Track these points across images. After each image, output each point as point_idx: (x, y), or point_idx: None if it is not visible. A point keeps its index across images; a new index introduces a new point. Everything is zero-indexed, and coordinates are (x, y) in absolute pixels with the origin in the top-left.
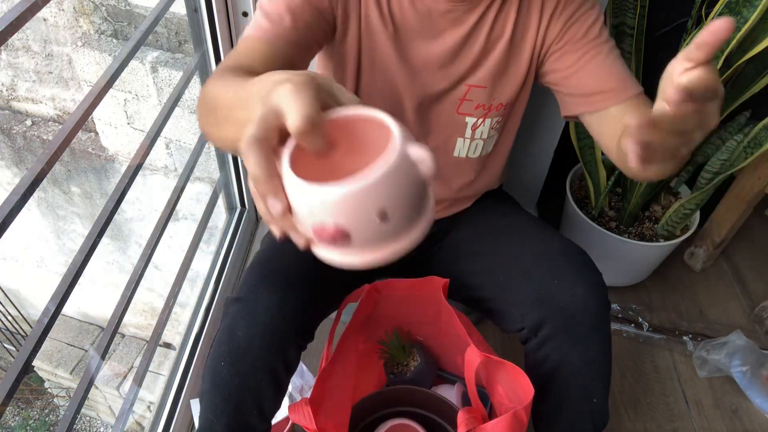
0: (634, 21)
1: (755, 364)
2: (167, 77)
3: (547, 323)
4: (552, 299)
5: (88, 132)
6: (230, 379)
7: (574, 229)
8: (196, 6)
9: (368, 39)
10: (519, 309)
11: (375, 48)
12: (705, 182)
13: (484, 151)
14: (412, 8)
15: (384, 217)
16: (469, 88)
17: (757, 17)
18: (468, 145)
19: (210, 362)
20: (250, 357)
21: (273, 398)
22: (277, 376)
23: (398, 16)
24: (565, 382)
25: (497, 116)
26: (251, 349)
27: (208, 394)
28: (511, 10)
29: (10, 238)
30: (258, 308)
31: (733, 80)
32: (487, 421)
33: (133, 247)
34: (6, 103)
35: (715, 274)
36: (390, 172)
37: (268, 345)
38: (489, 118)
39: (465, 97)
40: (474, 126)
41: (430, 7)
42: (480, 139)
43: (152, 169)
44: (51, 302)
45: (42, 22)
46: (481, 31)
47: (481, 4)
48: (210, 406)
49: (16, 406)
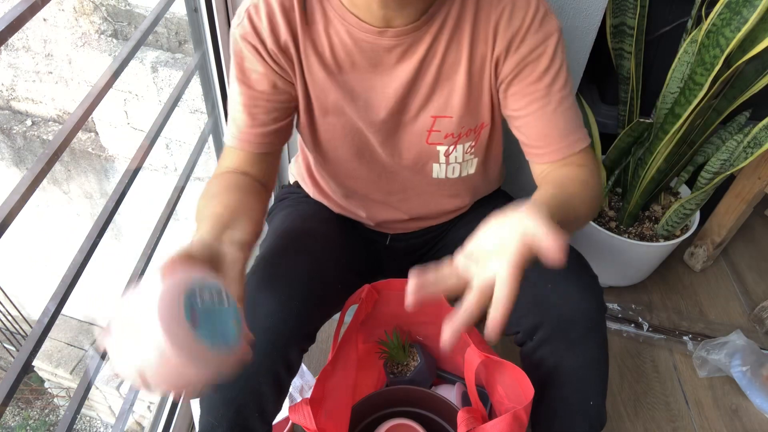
0: (634, 21)
1: (755, 364)
2: (167, 77)
3: (543, 327)
4: (546, 303)
5: (88, 132)
6: (231, 383)
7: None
8: (196, 6)
9: (314, 86)
10: (514, 313)
11: (323, 94)
12: (705, 182)
13: (464, 172)
14: (357, 48)
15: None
16: (434, 120)
17: (757, 17)
18: (445, 169)
19: None
20: (252, 360)
21: (274, 401)
22: (278, 379)
23: (343, 58)
24: (561, 385)
25: (469, 141)
26: (253, 352)
27: (208, 397)
28: (463, 39)
29: (10, 238)
30: (260, 312)
31: (733, 80)
32: (487, 421)
33: (133, 247)
34: (6, 103)
35: (715, 274)
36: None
37: (270, 348)
38: (461, 144)
39: (432, 128)
40: (446, 153)
41: (373, 44)
42: (456, 163)
43: (152, 169)
44: (51, 302)
45: (42, 22)
46: (432, 62)
47: (427, 35)
48: (211, 410)
49: (16, 406)
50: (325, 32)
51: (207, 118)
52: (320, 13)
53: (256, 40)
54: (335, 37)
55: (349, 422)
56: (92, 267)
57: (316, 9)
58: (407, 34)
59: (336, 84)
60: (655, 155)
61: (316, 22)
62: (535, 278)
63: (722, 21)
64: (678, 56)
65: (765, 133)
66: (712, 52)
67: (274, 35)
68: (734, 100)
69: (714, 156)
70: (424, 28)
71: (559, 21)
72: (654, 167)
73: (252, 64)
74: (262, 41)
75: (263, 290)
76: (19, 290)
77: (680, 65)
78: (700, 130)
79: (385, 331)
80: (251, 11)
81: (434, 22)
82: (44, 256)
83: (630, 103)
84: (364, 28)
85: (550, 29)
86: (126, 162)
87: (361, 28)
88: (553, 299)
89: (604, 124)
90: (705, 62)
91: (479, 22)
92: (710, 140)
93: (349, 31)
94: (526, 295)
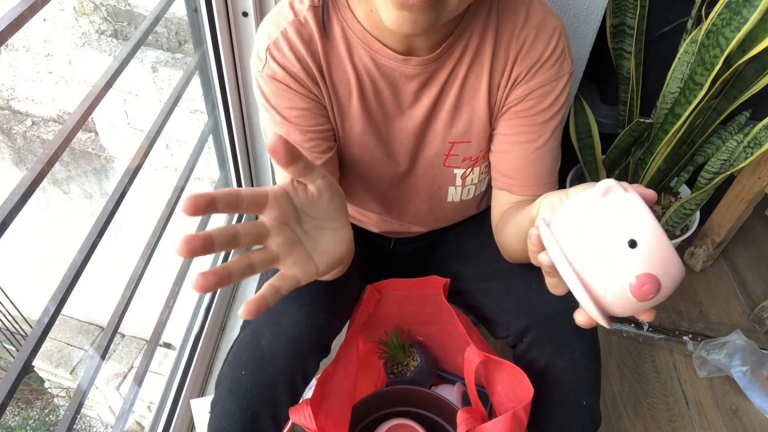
0: (634, 21)
1: (755, 364)
2: (167, 77)
3: (531, 329)
4: (532, 304)
5: (88, 132)
6: (249, 389)
7: None
8: (196, 6)
9: (340, 114)
10: (503, 316)
11: (348, 123)
12: (705, 182)
13: (477, 192)
14: (380, 73)
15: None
16: (452, 145)
17: (757, 17)
18: (460, 192)
19: (228, 370)
20: (273, 368)
21: (288, 409)
22: (295, 388)
23: (367, 83)
24: (552, 386)
25: (485, 162)
26: (274, 360)
27: (224, 401)
28: (484, 66)
29: (10, 238)
30: (285, 320)
31: (733, 80)
32: (486, 420)
33: (133, 247)
34: (6, 103)
35: (715, 274)
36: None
37: (291, 358)
38: (477, 167)
39: (450, 153)
40: (463, 175)
41: (396, 70)
42: (471, 184)
43: (152, 169)
44: (51, 302)
45: (42, 22)
46: (451, 89)
47: (448, 61)
48: (225, 414)
49: (16, 406)
50: (349, 59)
51: (207, 118)
52: (342, 40)
53: (287, 77)
54: (359, 64)
55: (349, 422)
56: (92, 267)
57: (337, 36)
58: (430, 63)
59: (361, 112)
60: (655, 155)
61: (338, 49)
62: (520, 281)
63: (722, 21)
64: (678, 56)
65: (765, 133)
66: (712, 52)
67: (303, 68)
68: (734, 100)
69: (714, 156)
70: (446, 55)
71: (573, 64)
72: (654, 167)
73: (291, 102)
74: (293, 76)
75: (290, 299)
76: (19, 290)
77: (680, 65)
78: (700, 130)
79: (385, 331)
80: (272, 50)
81: (456, 48)
82: (44, 256)
83: (630, 103)
84: (387, 54)
85: (564, 70)
86: (126, 162)
87: (384, 54)
88: (539, 301)
89: (604, 124)
90: (705, 62)
91: (499, 49)
92: (710, 140)
93: (373, 57)
94: (512, 298)
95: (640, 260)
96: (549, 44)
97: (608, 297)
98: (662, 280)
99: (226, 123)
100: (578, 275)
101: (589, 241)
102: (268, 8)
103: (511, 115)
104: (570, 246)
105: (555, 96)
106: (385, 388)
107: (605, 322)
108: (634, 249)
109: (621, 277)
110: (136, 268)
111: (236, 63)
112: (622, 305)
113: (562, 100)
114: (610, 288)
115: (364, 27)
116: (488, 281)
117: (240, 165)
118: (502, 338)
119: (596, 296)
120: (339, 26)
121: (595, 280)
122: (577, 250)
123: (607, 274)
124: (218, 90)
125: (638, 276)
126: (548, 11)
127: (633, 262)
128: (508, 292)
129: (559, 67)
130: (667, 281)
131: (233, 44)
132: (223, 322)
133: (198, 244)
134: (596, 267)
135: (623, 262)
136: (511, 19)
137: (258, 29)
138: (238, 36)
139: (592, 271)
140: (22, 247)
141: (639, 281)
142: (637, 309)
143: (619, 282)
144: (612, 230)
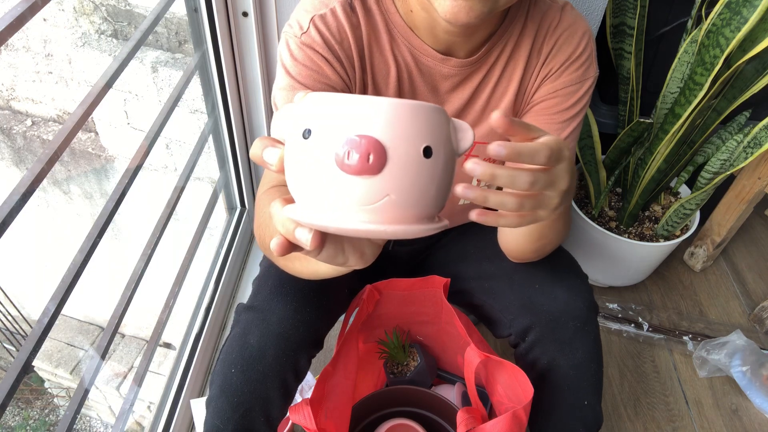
0: (634, 21)
1: (755, 364)
2: (167, 77)
3: (534, 328)
4: (535, 304)
5: (88, 132)
6: (240, 387)
7: (573, 229)
8: (196, 6)
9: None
10: (506, 315)
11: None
12: (705, 182)
13: None
14: (418, 70)
15: (428, 154)
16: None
17: (757, 17)
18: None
19: (219, 368)
20: (262, 365)
21: (280, 406)
22: (286, 385)
23: (405, 79)
24: (554, 387)
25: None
26: (263, 357)
27: (216, 400)
28: (517, 68)
29: (10, 238)
30: (272, 318)
31: (733, 80)
32: (486, 420)
33: (133, 247)
34: (6, 103)
35: (715, 274)
36: (436, 111)
37: (280, 354)
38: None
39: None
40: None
41: (433, 69)
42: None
43: (152, 169)
44: (51, 302)
45: (42, 22)
46: (483, 91)
47: (484, 65)
48: (218, 412)
49: (16, 406)
50: (391, 51)
51: (207, 118)
52: (385, 32)
53: (325, 48)
54: (400, 58)
55: (349, 422)
56: (92, 267)
57: (380, 28)
58: (468, 65)
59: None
60: (655, 155)
61: (382, 40)
62: (523, 280)
63: (722, 21)
64: (678, 56)
65: (765, 133)
66: (712, 52)
67: (344, 48)
68: (734, 100)
69: (714, 156)
70: (483, 58)
71: (597, 69)
72: (654, 167)
73: (318, 70)
74: (331, 49)
75: (276, 296)
76: (19, 290)
77: (680, 65)
78: (700, 130)
79: (385, 331)
80: (317, 22)
81: (493, 52)
82: (44, 256)
83: (630, 103)
84: (427, 51)
85: (590, 73)
86: (126, 162)
87: (424, 51)
88: (542, 300)
89: (604, 124)
90: (705, 62)
91: (534, 52)
92: (710, 140)
93: (413, 53)
94: (515, 297)
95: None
96: (579, 45)
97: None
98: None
99: (226, 123)
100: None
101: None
102: (269, 8)
103: (534, 113)
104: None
105: (578, 97)
106: (385, 388)
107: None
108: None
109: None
110: (136, 268)
111: (236, 63)
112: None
113: (583, 102)
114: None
115: (405, 23)
116: (491, 280)
117: (240, 165)
118: (504, 337)
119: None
120: (382, 19)
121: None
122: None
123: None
124: (218, 90)
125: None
126: (578, 15)
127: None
128: (511, 290)
129: (586, 69)
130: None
131: (233, 44)
132: (223, 322)
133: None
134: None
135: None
136: (545, 22)
137: (300, 3)
138: (238, 36)
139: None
140: (22, 247)
141: (344, 149)
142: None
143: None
144: (312, 152)
